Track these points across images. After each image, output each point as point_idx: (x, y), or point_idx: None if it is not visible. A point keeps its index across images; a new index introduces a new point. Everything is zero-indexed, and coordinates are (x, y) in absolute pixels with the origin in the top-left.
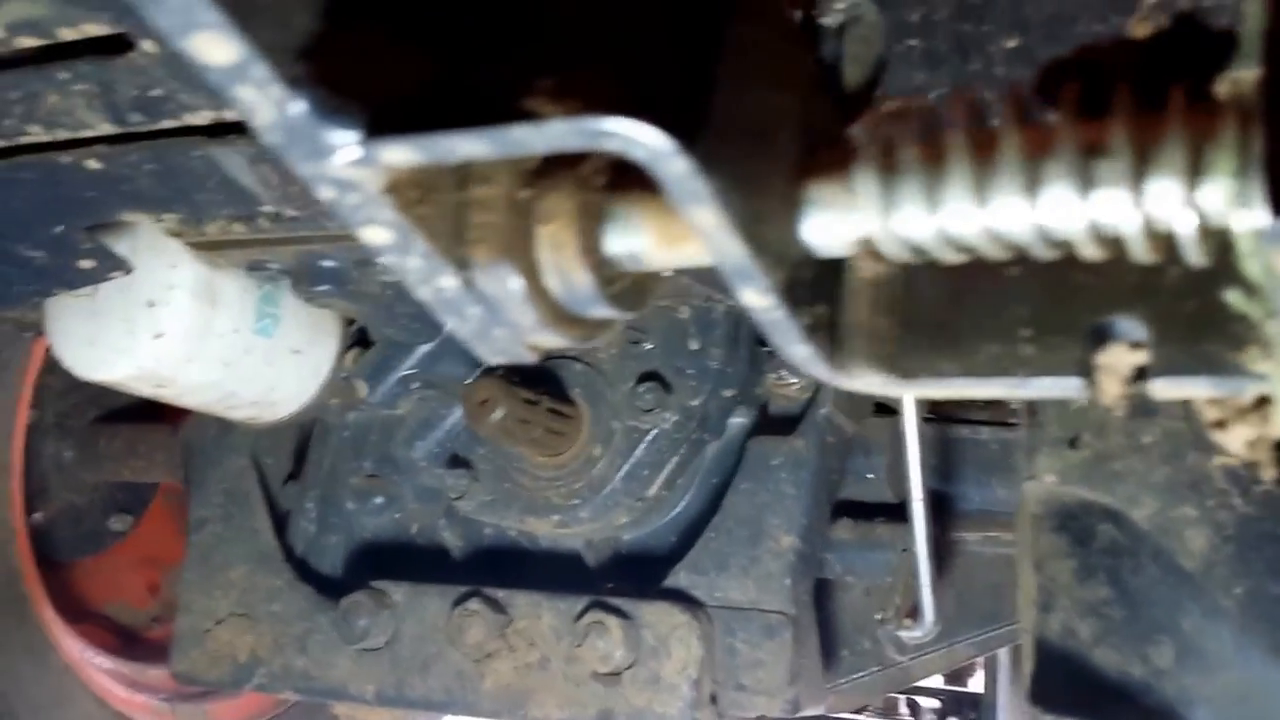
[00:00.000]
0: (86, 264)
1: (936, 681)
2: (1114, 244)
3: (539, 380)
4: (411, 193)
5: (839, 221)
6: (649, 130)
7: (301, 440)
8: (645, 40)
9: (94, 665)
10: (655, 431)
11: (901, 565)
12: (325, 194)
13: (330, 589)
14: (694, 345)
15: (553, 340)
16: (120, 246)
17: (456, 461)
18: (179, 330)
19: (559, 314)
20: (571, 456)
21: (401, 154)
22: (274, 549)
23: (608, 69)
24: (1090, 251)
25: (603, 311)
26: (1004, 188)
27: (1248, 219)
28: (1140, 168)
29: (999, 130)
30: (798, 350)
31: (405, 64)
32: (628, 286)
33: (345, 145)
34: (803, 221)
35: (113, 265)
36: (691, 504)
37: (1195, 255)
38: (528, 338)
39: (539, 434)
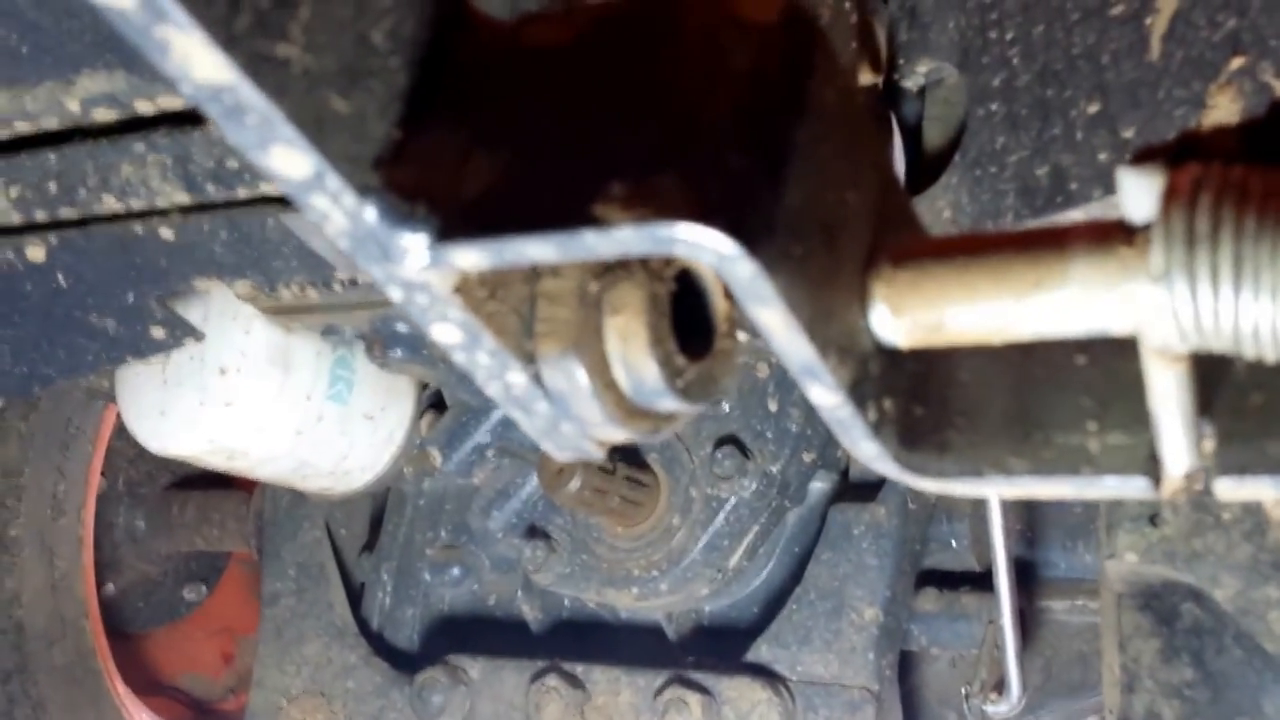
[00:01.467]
0: (158, 332)
1: None
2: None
3: (615, 448)
4: (479, 291)
5: (914, 310)
6: (716, 236)
7: (376, 510)
8: (716, 142)
9: None
10: (734, 500)
11: (987, 636)
12: (395, 295)
13: (406, 664)
14: (772, 406)
15: (620, 435)
16: (192, 314)
17: (534, 532)
18: (251, 398)
19: (627, 408)
20: (650, 527)
21: (470, 258)
22: (348, 623)
23: (678, 173)
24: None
25: (671, 405)
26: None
27: None
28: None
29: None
30: (865, 448)
31: (477, 166)
32: (695, 378)
33: (415, 249)
34: (872, 313)
35: (184, 333)
36: (774, 574)
37: (1262, 351)
38: (595, 433)
39: (616, 504)
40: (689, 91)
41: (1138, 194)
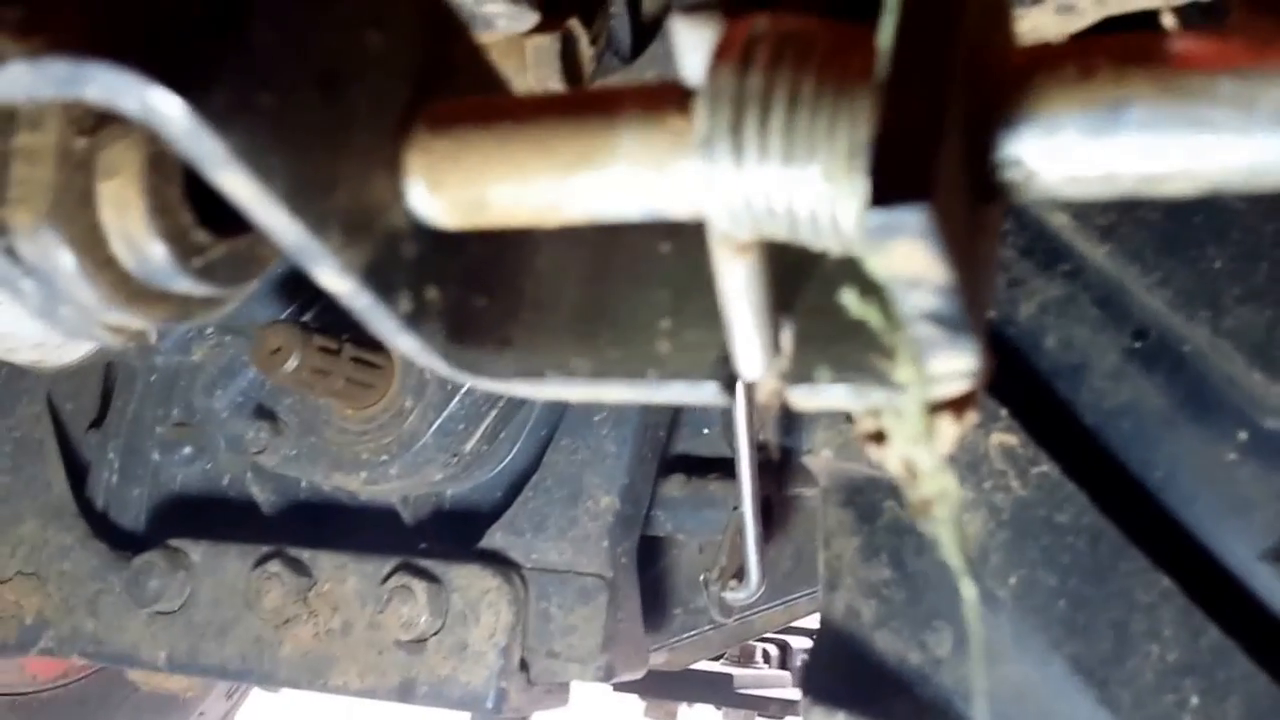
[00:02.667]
0: None
1: (813, 620)
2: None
3: (345, 325)
4: None
5: (449, 186)
6: (132, 76)
7: (107, 384)
8: None
9: None
10: None
11: (731, 523)
12: None
13: (129, 546)
14: None
15: (133, 321)
16: None
17: (260, 412)
18: None
19: (132, 290)
20: (382, 409)
21: None
22: (67, 503)
23: None
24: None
25: (189, 287)
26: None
27: (848, 205)
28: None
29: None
30: (401, 342)
31: None
32: (222, 257)
33: None
34: (409, 187)
35: None
36: (517, 458)
37: (821, 239)
38: (101, 317)
39: (341, 385)
40: None
41: (691, 49)
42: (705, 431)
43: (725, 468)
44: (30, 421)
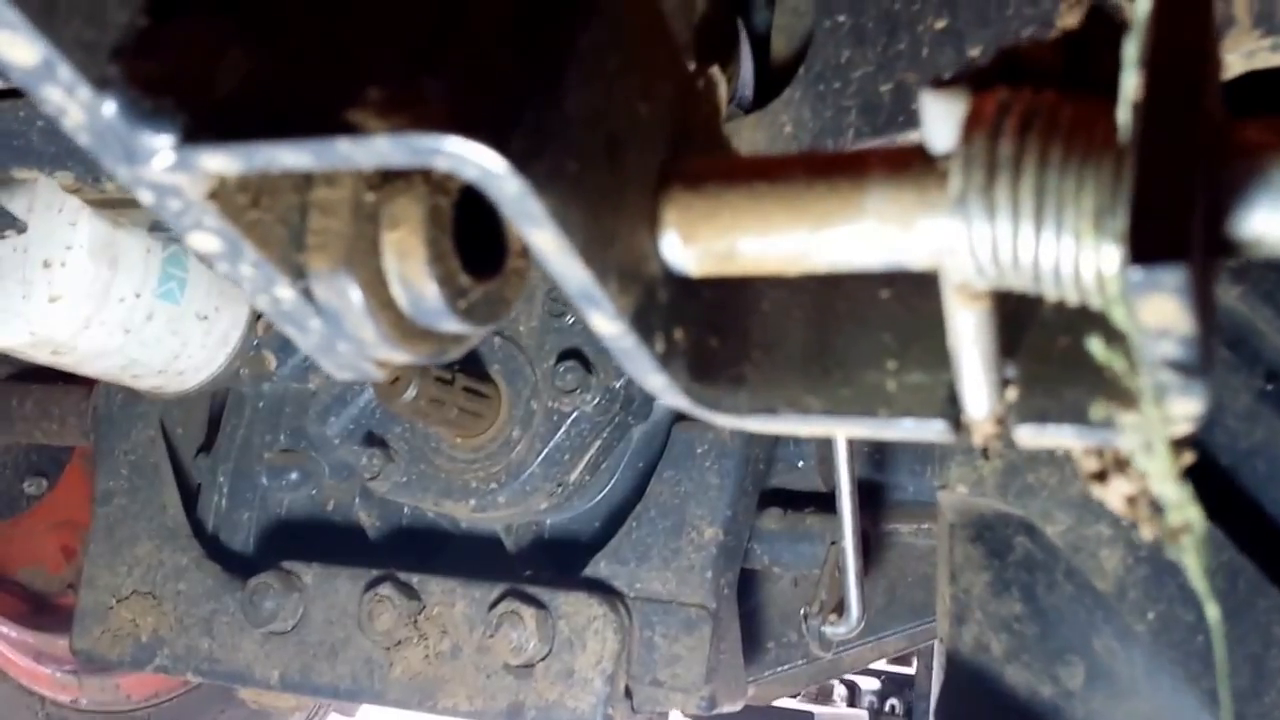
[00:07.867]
0: None
1: (878, 662)
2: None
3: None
4: (240, 197)
5: (702, 237)
6: (479, 149)
7: (215, 410)
8: (486, 46)
9: None
10: (576, 414)
11: (829, 557)
12: (145, 198)
13: (240, 568)
14: None
15: (401, 357)
16: (16, 204)
17: (371, 439)
18: (76, 292)
19: (405, 329)
20: (490, 438)
21: (219, 161)
22: (181, 525)
23: (440, 79)
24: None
25: (454, 326)
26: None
27: (1105, 260)
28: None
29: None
30: (653, 380)
31: (233, 62)
32: (481, 299)
33: (160, 150)
34: (662, 238)
35: (5, 223)
36: (617, 489)
37: (1063, 291)
38: (373, 353)
39: (454, 414)
40: None
41: (940, 120)
42: (800, 465)
43: (821, 502)
44: (145, 445)
